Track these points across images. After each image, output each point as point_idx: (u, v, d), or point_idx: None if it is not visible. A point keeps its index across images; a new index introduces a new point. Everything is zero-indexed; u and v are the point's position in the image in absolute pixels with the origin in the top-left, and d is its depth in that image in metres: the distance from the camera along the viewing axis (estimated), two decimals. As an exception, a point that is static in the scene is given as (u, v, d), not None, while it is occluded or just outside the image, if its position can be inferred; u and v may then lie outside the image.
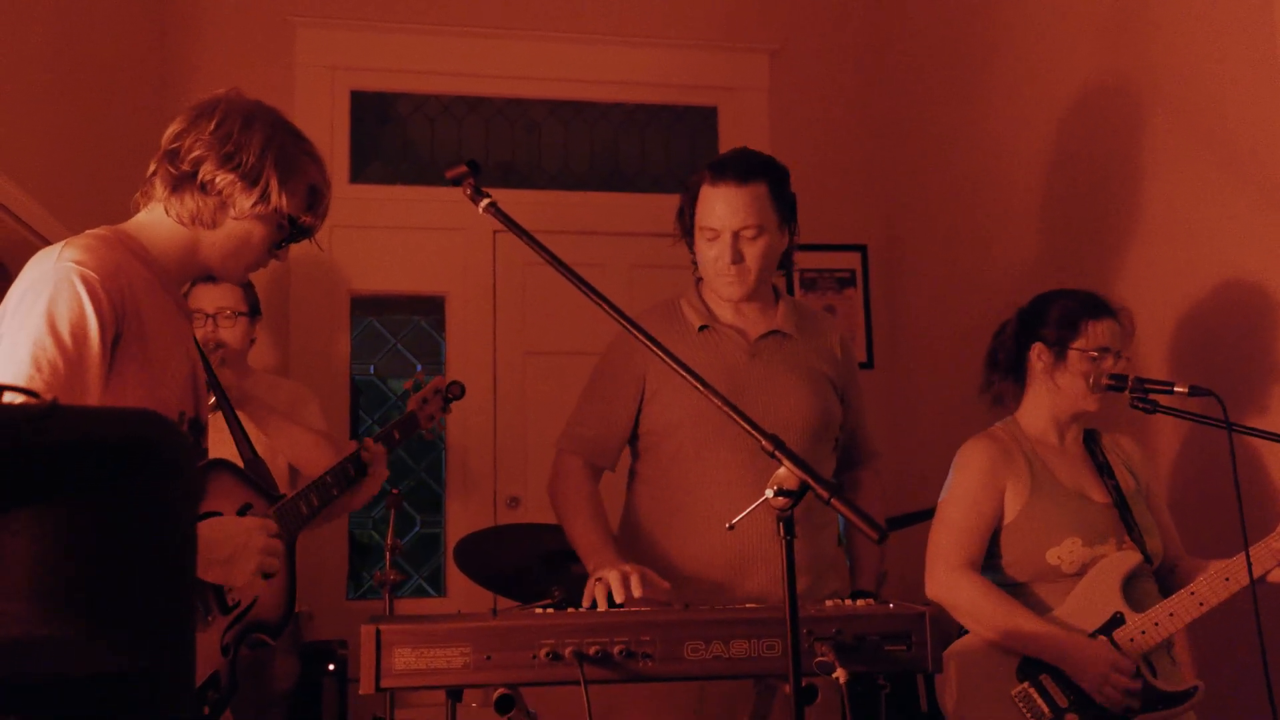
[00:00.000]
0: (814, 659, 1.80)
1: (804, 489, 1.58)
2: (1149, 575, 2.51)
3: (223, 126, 1.85)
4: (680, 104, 4.79)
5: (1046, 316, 2.60)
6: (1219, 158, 2.91)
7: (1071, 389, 2.56)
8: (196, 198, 1.84)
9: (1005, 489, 2.54)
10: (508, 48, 4.57)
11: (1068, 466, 2.59)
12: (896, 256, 4.69)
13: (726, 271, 2.43)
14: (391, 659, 1.77)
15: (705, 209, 2.45)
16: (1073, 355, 2.54)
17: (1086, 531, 2.49)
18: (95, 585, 0.87)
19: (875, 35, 4.84)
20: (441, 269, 4.49)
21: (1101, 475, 2.59)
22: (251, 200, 1.85)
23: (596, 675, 1.80)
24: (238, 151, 1.84)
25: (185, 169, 1.84)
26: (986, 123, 4.01)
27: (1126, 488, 2.57)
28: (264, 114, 1.91)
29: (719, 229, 2.42)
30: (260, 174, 1.85)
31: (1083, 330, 2.54)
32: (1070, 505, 2.52)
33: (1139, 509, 2.55)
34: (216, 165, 1.83)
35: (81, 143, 3.37)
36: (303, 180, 1.93)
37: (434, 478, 4.52)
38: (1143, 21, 3.19)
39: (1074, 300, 2.60)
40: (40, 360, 1.64)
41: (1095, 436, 2.67)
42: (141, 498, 0.89)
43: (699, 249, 2.49)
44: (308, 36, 4.42)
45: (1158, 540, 2.53)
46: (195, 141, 1.84)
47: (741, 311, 2.53)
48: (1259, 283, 2.79)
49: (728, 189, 2.42)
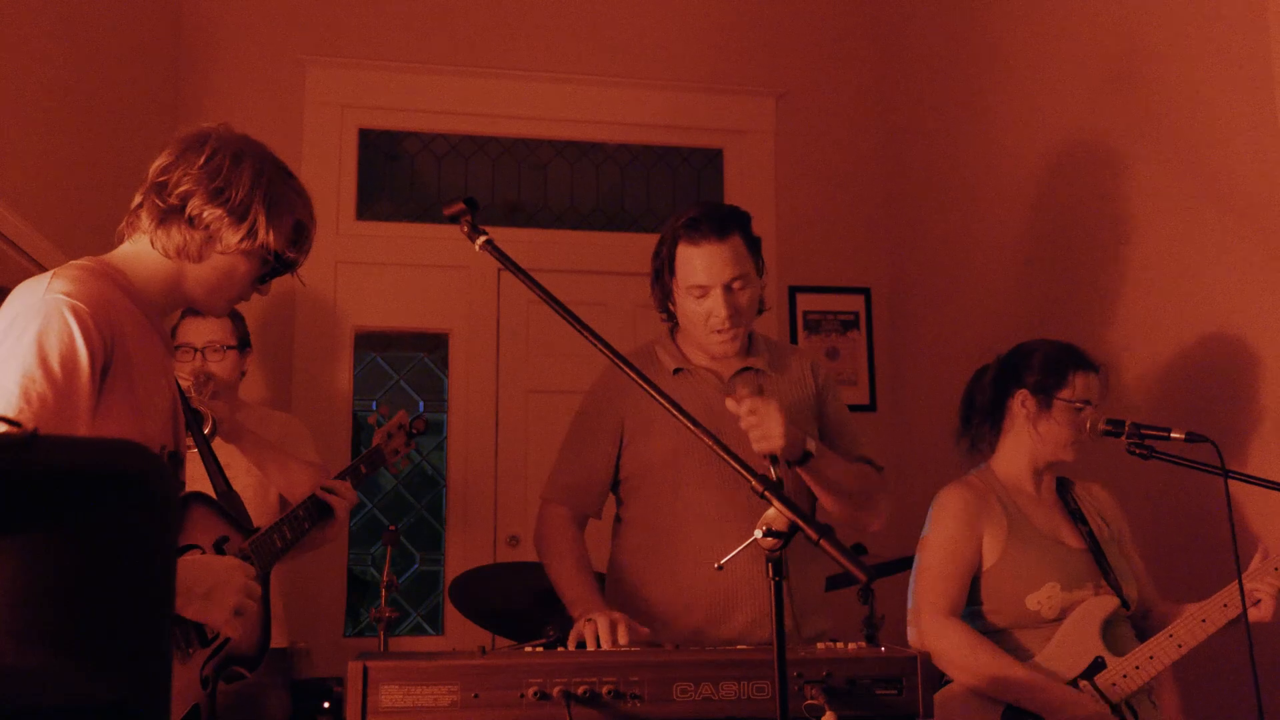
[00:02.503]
0: (804, 702, 1.79)
1: (794, 530, 1.57)
2: (1126, 620, 2.52)
3: (212, 161, 1.85)
4: (686, 146, 4.83)
5: (1031, 364, 2.61)
6: (1213, 206, 2.92)
7: (1053, 437, 2.56)
8: (184, 231, 1.84)
9: (983, 535, 2.55)
10: (515, 88, 4.62)
11: (1043, 513, 2.60)
12: (900, 299, 4.69)
13: (723, 327, 2.42)
14: (379, 696, 1.76)
15: (689, 269, 2.44)
16: (1058, 405, 2.55)
17: (1064, 577, 2.49)
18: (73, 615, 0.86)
19: (880, 80, 4.88)
20: (445, 306, 4.51)
21: (1075, 521, 2.60)
22: (239, 236, 1.85)
23: (584, 716, 1.78)
24: (227, 187, 1.84)
25: (173, 202, 1.83)
26: (990, 167, 4.04)
27: (1100, 534, 2.59)
28: (253, 149, 1.91)
29: (709, 285, 2.41)
30: (249, 210, 1.85)
31: (1069, 380, 2.56)
32: (1048, 551, 2.53)
33: (1113, 554, 2.56)
34: (205, 200, 1.83)
35: (91, 178, 3.40)
36: (289, 216, 1.92)
37: (434, 515, 4.51)
38: (1139, 70, 3.22)
39: (1060, 351, 2.61)
40: (30, 392, 1.63)
41: (1067, 484, 2.69)
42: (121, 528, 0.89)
43: (685, 307, 2.48)
44: (317, 75, 4.47)
45: (1133, 586, 2.55)
46: (184, 175, 1.84)
47: (715, 357, 2.53)
48: (1248, 330, 2.80)
49: (709, 246, 2.41)
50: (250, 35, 4.43)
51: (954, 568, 2.52)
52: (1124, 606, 2.49)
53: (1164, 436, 2.44)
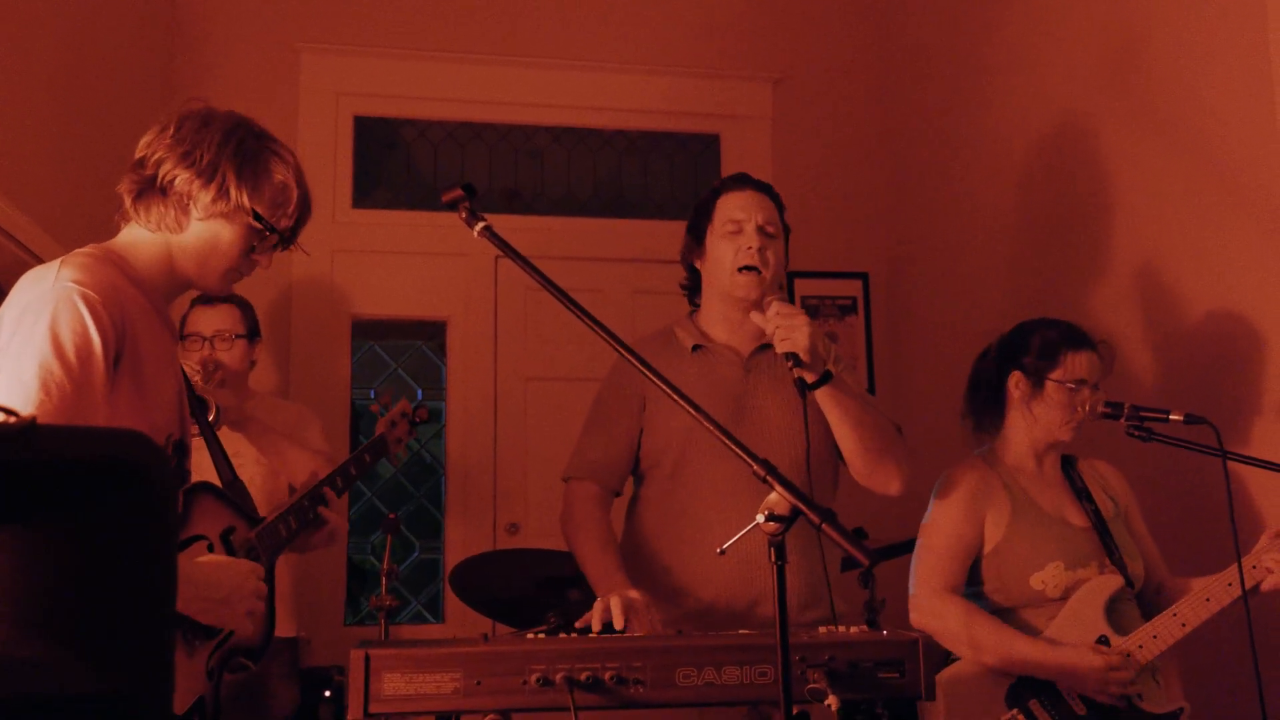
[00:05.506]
0: (806, 686, 1.78)
1: (795, 514, 1.57)
2: (1131, 598, 2.52)
3: (181, 129, 1.84)
4: (683, 131, 4.82)
5: (1027, 345, 2.61)
6: (1213, 186, 2.92)
7: (1047, 419, 2.56)
8: (160, 202, 1.83)
9: (986, 517, 2.56)
10: (511, 75, 4.60)
11: (1047, 492, 2.60)
12: (898, 284, 4.69)
13: (752, 260, 2.42)
14: (381, 684, 1.76)
15: (728, 207, 2.50)
16: (1050, 386, 2.55)
17: (1068, 555, 2.50)
18: (74, 606, 0.86)
19: (877, 65, 4.87)
20: (443, 294, 4.50)
21: (1080, 500, 2.60)
22: (210, 195, 1.83)
23: (587, 701, 1.78)
24: (193, 149, 1.83)
25: (148, 174, 1.83)
26: (988, 151, 4.03)
27: (1105, 511, 2.59)
28: (225, 116, 1.89)
29: (744, 220, 2.46)
30: (216, 169, 1.83)
31: (1061, 361, 2.55)
32: (1052, 530, 2.53)
33: (1119, 532, 2.56)
34: (174, 164, 1.82)
35: (86, 167, 3.38)
36: (268, 177, 1.88)
37: (433, 503, 4.51)
38: (1137, 50, 3.21)
39: (1055, 330, 2.60)
40: (49, 383, 1.62)
41: (1072, 462, 2.68)
42: (122, 518, 0.88)
43: (717, 252, 2.49)
44: (312, 63, 4.46)
45: (1139, 563, 2.55)
46: (157, 147, 1.84)
47: (736, 331, 2.54)
48: (1250, 310, 2.80)
49: (750, 192, 2.51)
50: (244, 23, 4.41)
51: (954, 548, 2.54)
52: (1128, 585, 2.50)
53: (1163, 418, 2.44)
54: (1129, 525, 2.62)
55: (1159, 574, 2.61)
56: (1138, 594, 2.54)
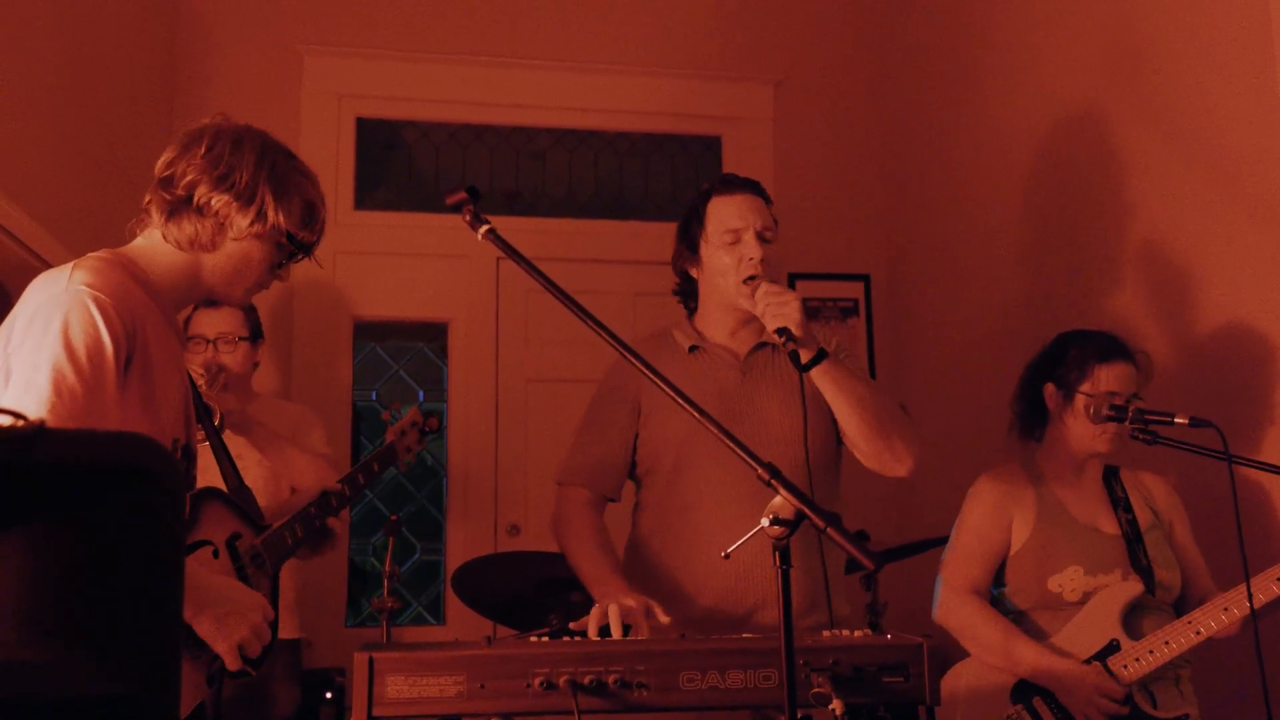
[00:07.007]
0: (810, 690, 1.78)
1: (800, 518, 1.57)
2: (1155, 607, 2.51)
3: (213, 149, 1.85)
4: (685, 133, 4.82)
5: (1061, 357, 2.63)
6: (1217, 188, 2.91)
7: (1078, 430, 2.57)
8: (194, 221, 1.84)
9: (1013, 520, 2.60)
10: (513, 77, 4.60)
11: (1081, 499, 2.62)
12: (899, 286, 4.69)
13: (756, 270, 2.38)
14: (384, 687, 1.75)
15: (722, 215, 2.45)
16: (1079, 399, 2.56)
17: (1090, 561, 2.51)
18: (81, 609, 0.86)
19: (878, 67, 4.87)
20: (445, 296, 4.50)
21: (1116, 509, 2.59)
22: (249, 219, 1.85)
23: (591, 705, 1.78)
24: (231, 172, 1.84)
25: (180, 194, 1.84)
26: (990, 153, 4.02)
27: (1143, 522, 2.58)
28: (253, 135, 1.91)
29: (742, 228, 2.42)
30: (255, 192, 1.85)
31: (1090, 374, 2.55)
32: (1076, 535, 2.55)
33: (1154, 542, 2.55)
34: (211, 187, 1.84)
35: (89, 169, 3.39)
36: (297, 196, 1.92)
37: (434, 504, 4.51)
38: (1139, 50, 3.21)
39: (1090, 344, 2.61)
40: (61, 386, 1.63)
41: (1115, 472, 2.69)
42: (129, 522, 0.88)
43: (715, 262, 2.46)
44: (315, 64, 4.46)
45: (1172, 573, 2.53)
46: (188, 166, 1.84)
47: (734, 334, 2.53)
48: (1258, 315, 2.79)
49: (743, 195, 2.47)
50: (247, 25, 4.41)
51: (978, 549, 2.60)
52: (1149, 593, 2.49)
53: (1168, 421, 2.43)
54: (1171, 536, 2.61)
55: (1202, 585, 2.58)
56: (1176, 604, 2.54)
